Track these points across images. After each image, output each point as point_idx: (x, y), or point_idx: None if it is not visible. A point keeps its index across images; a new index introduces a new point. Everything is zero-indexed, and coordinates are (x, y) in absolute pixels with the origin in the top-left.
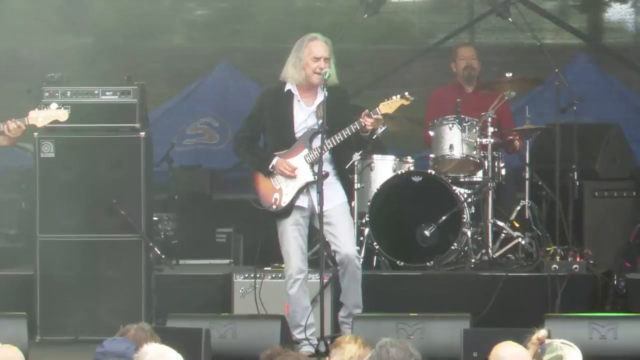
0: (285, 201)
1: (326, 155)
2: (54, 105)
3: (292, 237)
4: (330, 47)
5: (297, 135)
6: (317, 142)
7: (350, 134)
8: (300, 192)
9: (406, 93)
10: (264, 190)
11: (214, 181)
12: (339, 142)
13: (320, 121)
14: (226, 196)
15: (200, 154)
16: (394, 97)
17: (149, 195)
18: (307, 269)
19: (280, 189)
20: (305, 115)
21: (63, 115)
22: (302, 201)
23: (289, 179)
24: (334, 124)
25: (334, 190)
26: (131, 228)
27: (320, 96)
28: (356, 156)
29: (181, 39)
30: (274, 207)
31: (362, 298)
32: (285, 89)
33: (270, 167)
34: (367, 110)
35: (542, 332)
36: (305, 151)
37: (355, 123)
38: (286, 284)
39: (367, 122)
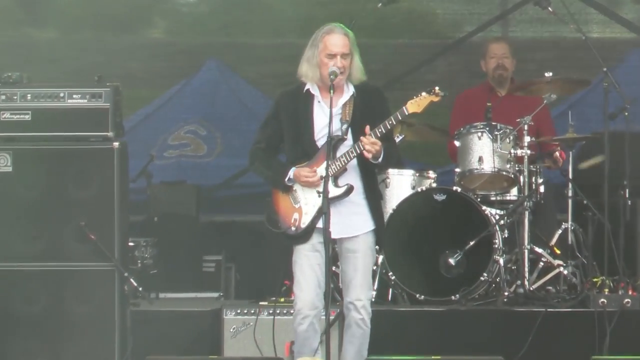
0: (304, 222)
1: (352, 165)
2: None
3: (306, 265)
4: (352, 39)
5: (319, 142)
6: (341, 150)
7: (348, 160)
8: (321, 212)
9: (436, 88)
10: (283, 210)
11: (200, 200)
12: (343, 164)
13: (345, 126)
14: (215, 218)
15: (184, 167)
16: (423, 94)
17: (124, 217)
18: (322, 305)
19: (299, 208)
20: (327, 118)
21: None
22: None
23: (310, 194)
24: (363, 127)
25: (359, 213)
26: (103, 255)
27: (346, 96)
28: None
29: (162, 32)
30: (293, 228)
31: (375, 337)
32: (304, 89)
33: (286, 179)
34: (367, 127)
35: None
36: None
37: (355, 146)
38: (294, 318)
39: (365, 142)
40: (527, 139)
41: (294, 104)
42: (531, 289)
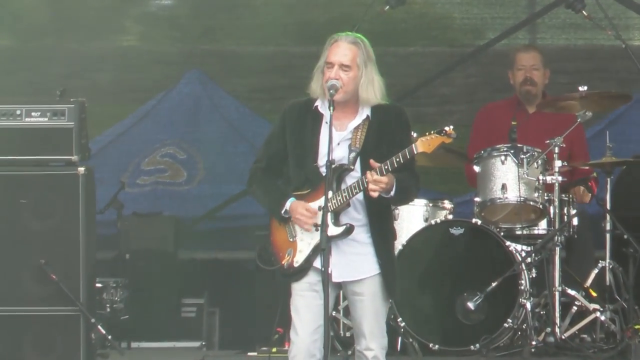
0: (297, 260)
1: (358, 199)
2: None
3: (302, 305)
4: (364, 53)
5: (322, 169)
6: (347, 182)
7: (350, 196)
8: (317, 250)
9: (448, 128)
10: (278, 242)
11: (179, 234)
12: (345, 200)
13: (352, 154)
14: (196, 254)
15: (160, 197)
16: (433, 134)
17: (90, 254)
18: (320, 355)
19: (294, 243)
20: (334, 143)
21: None
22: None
23: (306, 230)
24: (376, 157)
25: (363, 254)
26: (66, 298)
27: (358, 118)
28: None
29: (135, 39)
30: (285, 264)
31: None
32: (314, 105)
33: (283, 211)
34: (372, 161)
35: None
36: (329, 194)
37: (359, 181)
38: None
39: (369, 179)
40: (557, 163)
41: (300, 121)
42: (563, 337)
